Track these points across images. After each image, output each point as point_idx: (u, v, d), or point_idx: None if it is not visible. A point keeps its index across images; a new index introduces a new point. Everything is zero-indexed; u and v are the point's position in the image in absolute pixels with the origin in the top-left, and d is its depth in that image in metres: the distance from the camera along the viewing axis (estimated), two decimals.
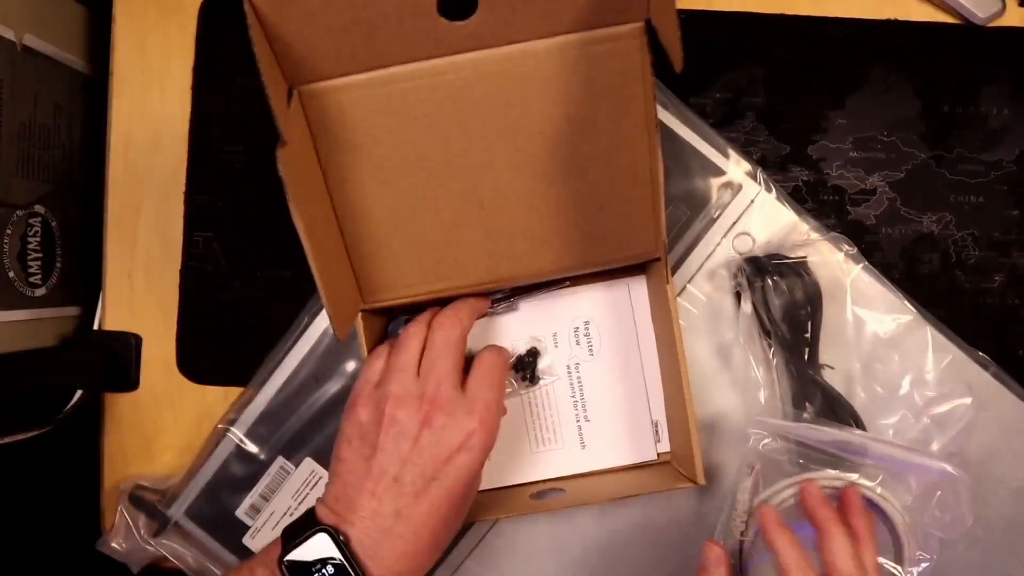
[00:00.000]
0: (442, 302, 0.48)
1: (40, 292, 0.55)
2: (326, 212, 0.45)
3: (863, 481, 0.48)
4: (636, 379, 0.52)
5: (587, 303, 0.52)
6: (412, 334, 0.45)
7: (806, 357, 0.50)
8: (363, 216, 0.46)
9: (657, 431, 0.52)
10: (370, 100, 0.43)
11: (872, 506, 0.47)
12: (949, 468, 0.47)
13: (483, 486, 0.52)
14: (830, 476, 0.48)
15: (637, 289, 0.52)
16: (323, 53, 0.41)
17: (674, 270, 0.53)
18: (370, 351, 0.47)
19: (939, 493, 0.47)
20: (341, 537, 0.40)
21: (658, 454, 0.52)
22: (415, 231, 0.46)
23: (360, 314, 0.47)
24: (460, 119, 0.44)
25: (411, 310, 0.50)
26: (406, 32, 0.41)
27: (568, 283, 0.51)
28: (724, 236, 0.53)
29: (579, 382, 0.52)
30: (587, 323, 0.52)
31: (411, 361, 0.44)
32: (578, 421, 0.52)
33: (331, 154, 0.44)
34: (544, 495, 0.50)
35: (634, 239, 0.47)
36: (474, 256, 0.47)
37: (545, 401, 0.52)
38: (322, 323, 0.54)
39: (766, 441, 0.50)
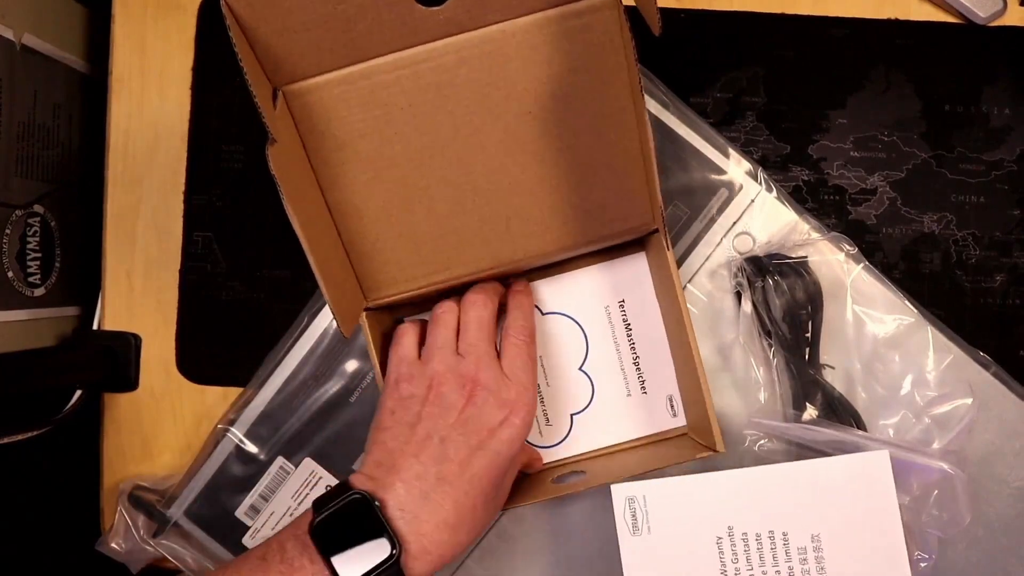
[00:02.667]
0: (446, 293, 0.48)
1: (39, 292, 0.55)
2: (321, 211, 0.45)
3: None
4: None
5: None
6: (446, 310, 0.46)
7: (806, 357, 0.50)
8: (357, 213, 0.46)
9: (672, 405, 0.51)
10: (353, 95, 0.43)
11: None
12: (945, 466, 0.47)
13: None
14: None
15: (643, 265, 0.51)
16: (302, 51, 0.41)
17: None
18: (380, 347, 0.47)
19: (936, 492, 0.47)
20: (376, 502, 0.39)
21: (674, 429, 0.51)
22: (410, 223, 0.46)
23: (364, 313, 0.47)
24: (445, 106, 0.44)
25: (415, 305, 0.50)
26: (383, 23, 0.41)
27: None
28: (724, 236, 0.53)
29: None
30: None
31: (450, 339, 0.45)
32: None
33: (320, 152, 0.44)
34: (565, 478, 0.50)
35: (631, 212, 0.47)
36: (472, 243, 0.47)
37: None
38: (322, 323, 0.54)
39: (762, 442, 0.50)
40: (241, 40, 0.38)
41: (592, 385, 0.52)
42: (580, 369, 0.52)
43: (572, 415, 0.52)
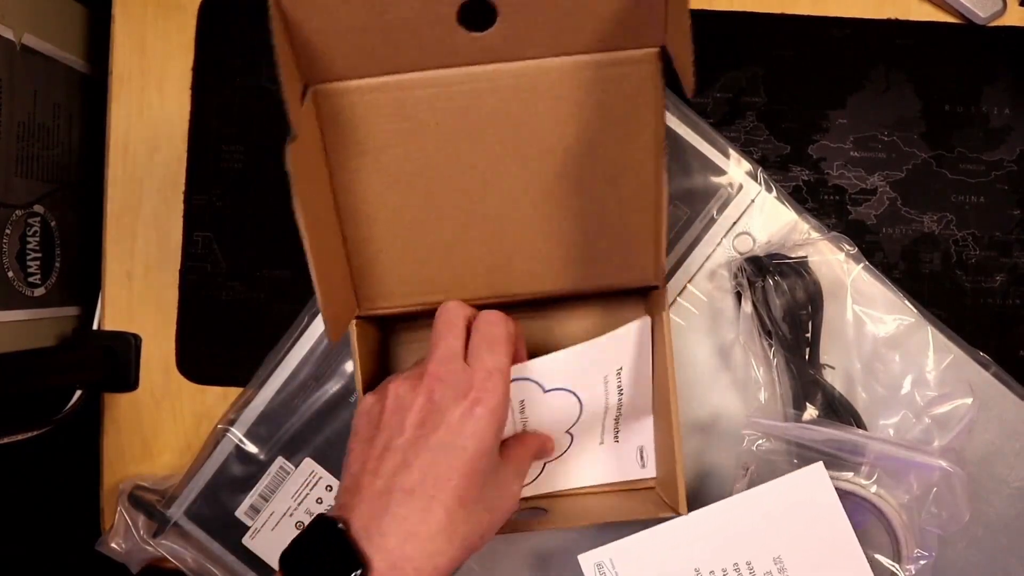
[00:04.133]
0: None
1: (39, 292, 0.55)
2: (328, 214, 0.45)
3: (858, 480, 0.48)
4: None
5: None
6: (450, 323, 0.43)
7: (807, 357, 0.50)
8: (366, 220, 0.46)
9: (642, 456, 0.51)
10: (383, 104, 0.43)
11: (868, 505, 0.47)
12: (944, 464, 0.47)
13: None
14: None
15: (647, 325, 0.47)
16: (340, 53, 0.41)
17: (674, 270, 0.53)
18: (365, 357, 0.47)
19: (935, 490, 0.47)
20: (340, 525, 0.38)
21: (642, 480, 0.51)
22: (416, 240, 0.46)
23: (355, 321, 0.47)
24: (471, 131, 0.44)
25: (405, 320, 0.50)
26: (424, 39, 0.41)
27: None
28: (724, 236, 0.53)
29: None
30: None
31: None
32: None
33: (339, 155, 0.44)
34: (526, 514, 0.50)
35: (633, 265, 0.47)
36: (473, 270, 0.47)
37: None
38: (322, 323, 0.54)
39: (760, 442, 0.50)
40: (281, 32, 0.38)
41: (572, 439, 0.51)
42: (567, 431, 0.50)
43: (545, 462, 0.51)
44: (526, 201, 0.46)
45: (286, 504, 0.54)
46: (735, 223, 0.53)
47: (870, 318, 0.52)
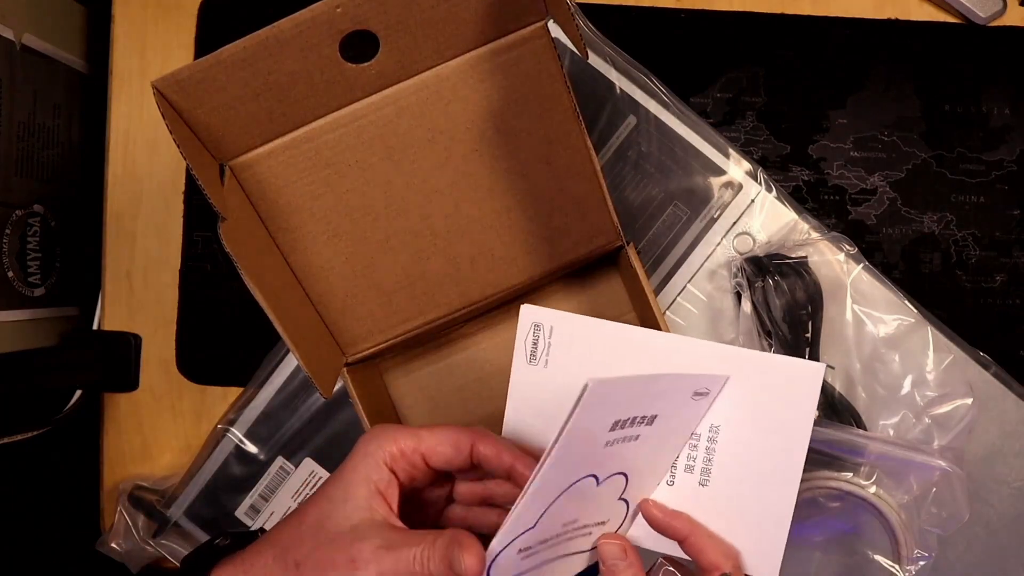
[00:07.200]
0: (425, 337, 0.48)
1: (39, 292, 0.55)
2: (285, 277, 0.45)
3: (857, 480, 0.48)
4: None
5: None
6: None
7: (806, 357, 0.50)
8: (323, 272, 0.46)
9: None
10: (299, 159, 0.43)
11: (868, 505, 0.47)
12: (943, 464, 0.47)
13: None
14: (824, 476, 0.48)
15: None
16: (243, 124, 0.41)
17: (674, 270, 0.53)
18: (365, 400, 0.46)
19: (935, 490, 0.48)
20: None
21: None
22: (377, 276, 0.47)
23: (346, 369, 0.47)
24: (392, 157, 0.44)
25: (395, 352, 0.50)
26: (316, 85, 0.41)
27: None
28: (724, 236, 0.53)
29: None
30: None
31: None
32: None
33: (276, 219, 0.44)
34: None
35: (593, 231, 0.48)
36: (442, 286, 0.47)
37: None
38: None
39: None
40: (179, 125, 0.38)
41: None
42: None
43: None
44: (468, 205, 0.46)
45: (286, 504, 0.54)
46: (735, 223, 0.53)
47: (870, 318, 0.52)
